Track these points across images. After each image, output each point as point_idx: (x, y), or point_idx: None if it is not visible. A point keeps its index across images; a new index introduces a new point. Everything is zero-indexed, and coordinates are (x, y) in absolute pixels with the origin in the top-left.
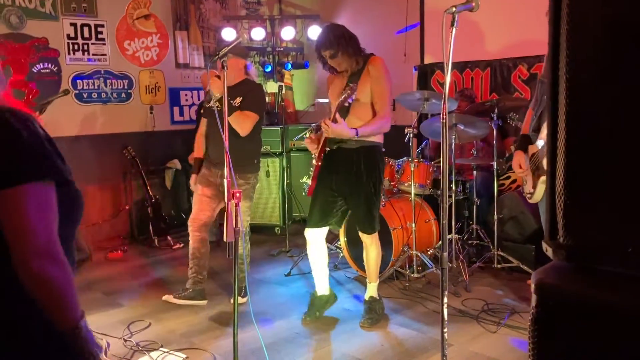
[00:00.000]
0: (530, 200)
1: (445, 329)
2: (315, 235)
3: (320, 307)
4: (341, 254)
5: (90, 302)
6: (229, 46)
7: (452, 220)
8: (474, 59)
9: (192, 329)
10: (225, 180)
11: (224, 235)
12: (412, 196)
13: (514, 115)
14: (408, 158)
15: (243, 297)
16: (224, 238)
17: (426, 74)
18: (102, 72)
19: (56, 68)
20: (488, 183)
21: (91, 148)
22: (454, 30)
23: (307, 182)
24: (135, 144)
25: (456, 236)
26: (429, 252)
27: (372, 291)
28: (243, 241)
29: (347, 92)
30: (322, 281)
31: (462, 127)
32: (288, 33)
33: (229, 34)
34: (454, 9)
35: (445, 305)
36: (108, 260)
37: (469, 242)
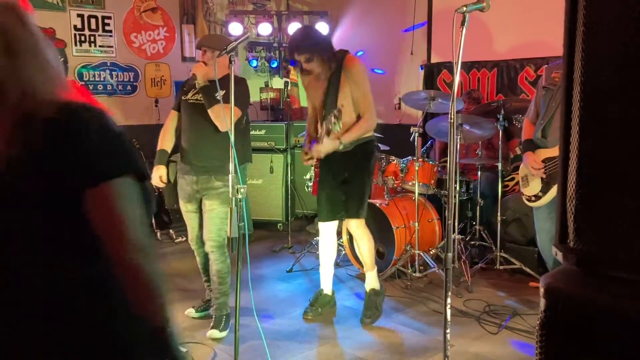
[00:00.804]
0: (531, 203)
1: (447, 330)
2: (327, 228)
3: (323, 305)
4: (343, 252)
5: None
6: (237, 41)
7: (456, 220)
8: (481, 59)
9: (194, 323)
10: (226, 179)
11: (228, 230)
12: (416, 195)
13: (520, 117)
14: (413, 157)
15: (221, 332)
16: (228, 233)
17: (433, 73)
18: (108, 64)
19: (62, 59)
20: (492, 184)
21: None
22: (464, 30)
23: (310, 181)
24: (139, 137)
25: (459, 236)
26: (431, 252)
27: (373, 281)
28: (220, 254)
29: (333, 121)
30: (328, 281)
31: (468, 128)
32: (295, 29)
33: (236, 29)
34: (465, 9)
35: (448, 305)
36: None
37: (472, 243)
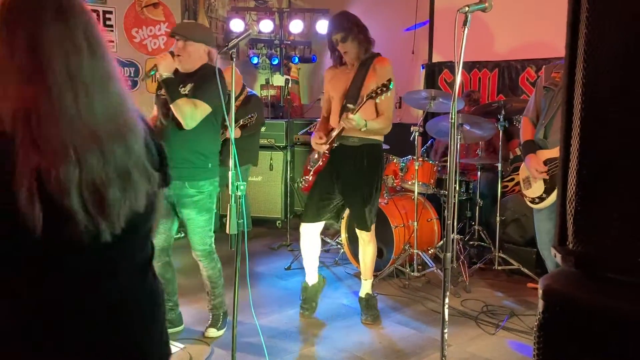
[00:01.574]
0: (535, 205)
1: (445, 329)
2: (310, 230)
3: (314, 296)
4: (342, 250)
5: None
6: (239, 38)
7: (455, 220)
8: (482, 60)
9: (191, 321)
10: (229, 173)
11: (227, 227)
12: (416, 195)
13: (520, 117)
14: (413, 156)
15: (218, 330)
16: (227, 230)
17: (434, 73)
18: None
19: None
20: (492, 184)
21: None
22: (466, 30)
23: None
24: None
25: (458, 236)
26: (430, 252)
27: (368, 288)
28: (209, 261)
29: (352, 107)
30: (313, 272)
31: (468, 128)
32: (296, 26)
33: (237, 25)
34: (467, 9)
35: (446, 305)
36: None
37: (471, 243)
